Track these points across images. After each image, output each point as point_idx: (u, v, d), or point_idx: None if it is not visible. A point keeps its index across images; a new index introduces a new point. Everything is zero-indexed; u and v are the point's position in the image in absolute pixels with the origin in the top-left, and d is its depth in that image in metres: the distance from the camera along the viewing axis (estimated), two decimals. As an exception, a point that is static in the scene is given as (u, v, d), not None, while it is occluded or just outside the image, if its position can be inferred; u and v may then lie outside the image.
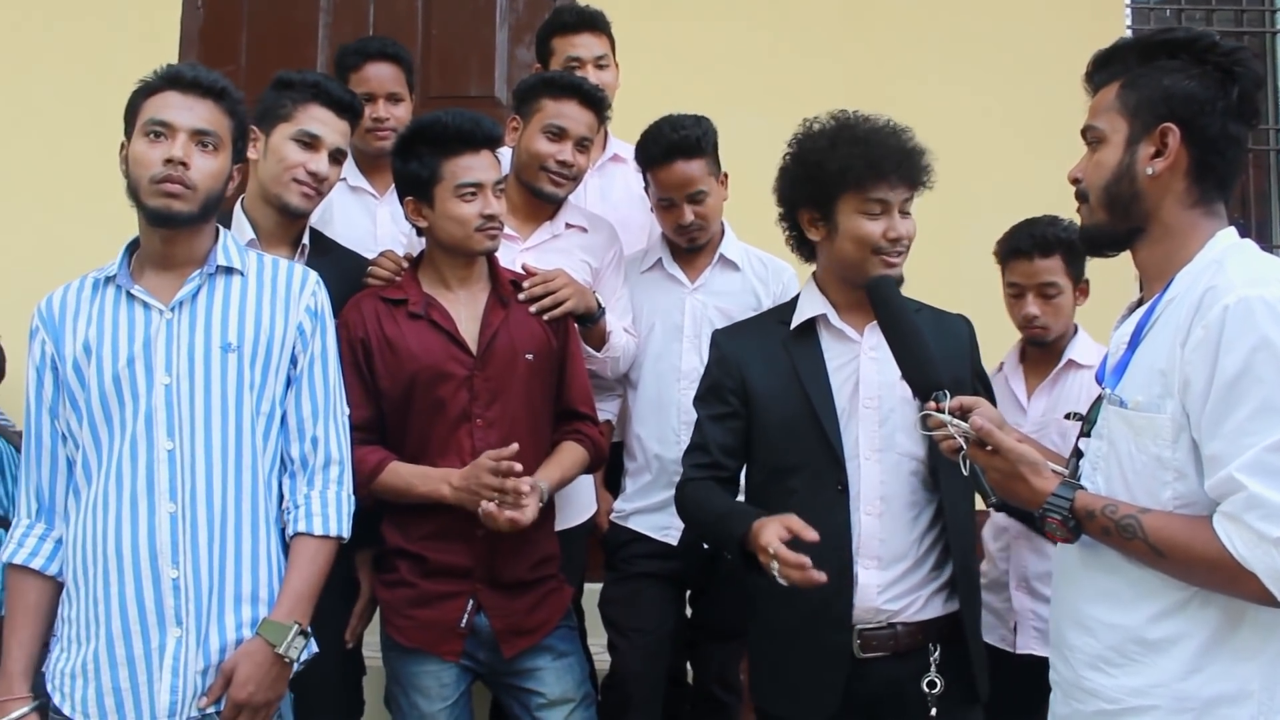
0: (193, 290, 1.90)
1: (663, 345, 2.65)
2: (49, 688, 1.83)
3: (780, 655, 2.06)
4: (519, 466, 2.04)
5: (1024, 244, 2.55)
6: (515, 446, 2.05)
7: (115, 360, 1.85)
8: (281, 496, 1.95)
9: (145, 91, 1.91)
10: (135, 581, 1.81)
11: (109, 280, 1.91)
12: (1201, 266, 1.52)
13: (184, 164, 1.85)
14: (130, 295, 1.89)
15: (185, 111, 1.88)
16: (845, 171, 1.97)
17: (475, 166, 2.19)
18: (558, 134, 2.52)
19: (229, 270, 1.95)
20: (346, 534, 1.96)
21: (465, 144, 2.19)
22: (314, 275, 2.04)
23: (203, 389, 1.86)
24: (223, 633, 1.84)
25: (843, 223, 2.00)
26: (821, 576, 1.75)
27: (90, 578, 1.82)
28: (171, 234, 1.89)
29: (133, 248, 1.96)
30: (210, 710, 1.82)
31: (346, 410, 2.03)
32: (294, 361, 1.96)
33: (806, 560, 1.75)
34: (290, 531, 1.93)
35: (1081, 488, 1.58)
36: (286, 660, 1.85)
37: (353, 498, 2.00)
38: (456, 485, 2.09)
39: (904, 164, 1.97)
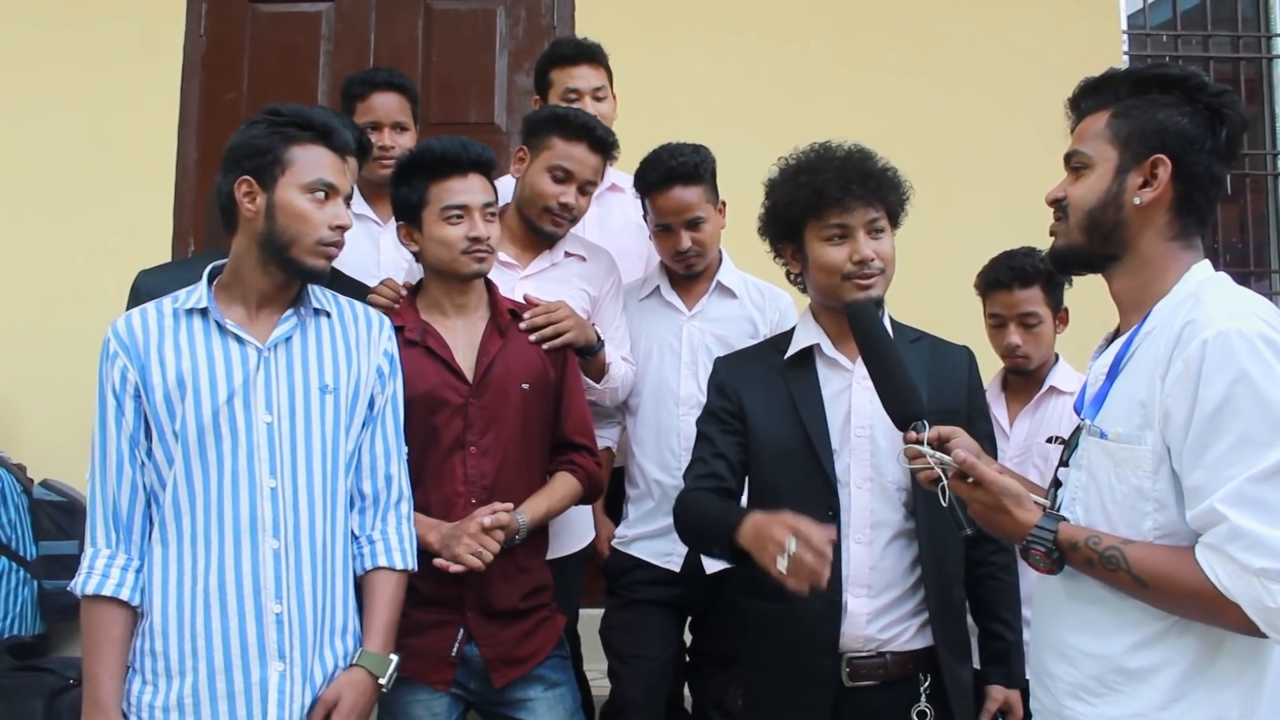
0: (289, 330, 1.93)
1: (660, 372, 2.67)
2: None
3: (770, 680, 2.07)
4: (500, 533, 2.09)
5: (1003, 276, 2.64)
6: (510, 506, 2.12)
7: (214, 396, 1.85)
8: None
9: (286, 138, 1.90)
10: (239, 616, 1.82)
11: (193, 311, 1.91)
12: (1179, 299, 1.54)
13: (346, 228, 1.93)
14: (222, 329, 1.90)
15: (341, 176, 1.94)
16: (800, 202, 2.01)
17: (460, 189, 2.21)
18: (564, 176, 2.51)
19: (317, 311, 1.98)
20: (415, 567, 2.03)
21: (451, 168, 2.21)
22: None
23: (303, 428, 1.90)
24: (324, 666, 1.89)
25: (810, 252, 2.03)
26: (822, 577, 1.69)
27: (188, 611, 1.82)
28: (294, 281, 1.94)
29: (210, 278, 1.96)
30: None
31: (405, 448, 2.08)
32: (370, 402, 2.01)
33: (827, 551, 1.69)
34: (368, 564, 1.98)
35: (1065, 519, 1.60)
36: (384, 690, 1.93)
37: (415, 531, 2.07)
38: (446, 534, 2.09)
39: (855, 186, 1.97)
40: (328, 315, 1.99)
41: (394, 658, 1.95)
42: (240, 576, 1.83)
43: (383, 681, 1.92)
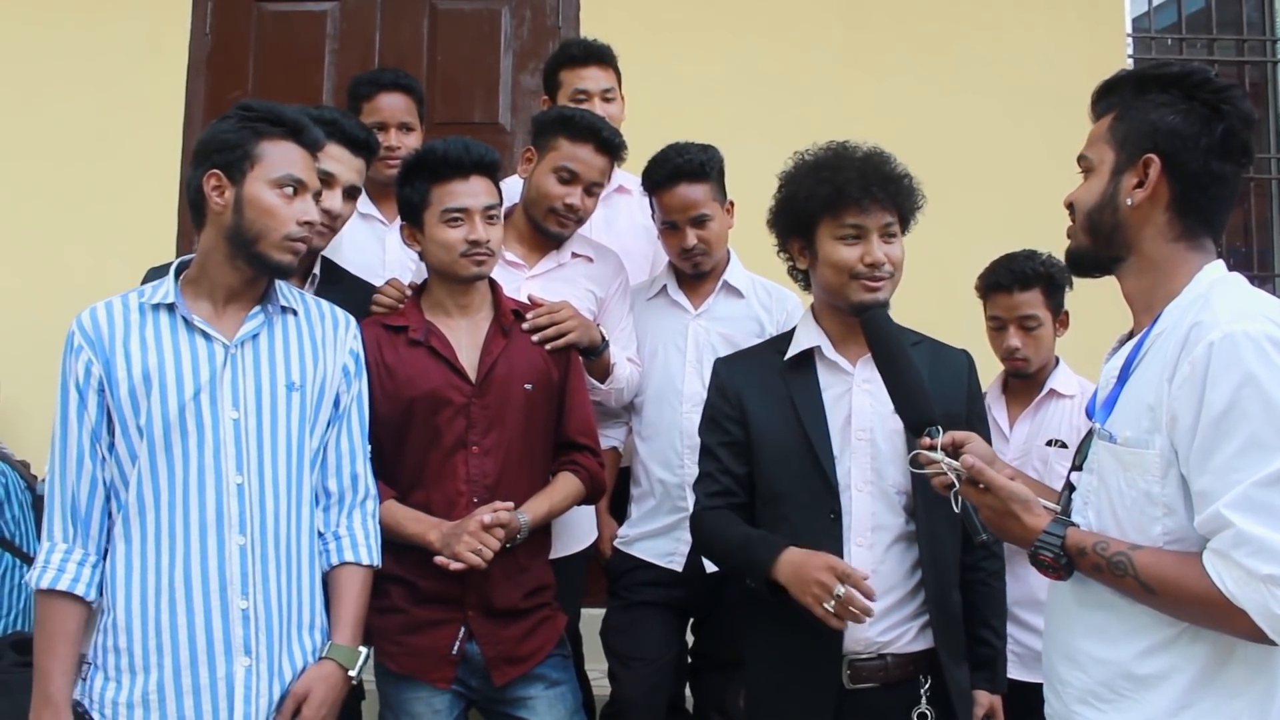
0: (256, 328, 1.92)
1: (665, 370, 2.66)
2: (93, 716, 1.83)
3: (774, 683, 2.07)
4: (501, 531, 2.09)
5: (1003, 278, 2.66)
6: (510, 504, 2.12)
7: (180, 391, 1.84)
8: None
9: (257, 133, 1.89)
10: (205, 612, 1.82)
11: (159, 306, 1.90)
12: (1188, 301, 1.53)
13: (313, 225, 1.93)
14: (189, 325, 1.89)
15: (310, 173, 1.94)
16: (819, 199, 2.01)
17: (461, 192, 2.21)
18: (569, 177, 2.51)
19: (284, 309, 1.98)
20: (380, 564, 2.03)
21: (453, 170, 2.21)
22: (354, 320, 2.10)
23: (269, 425, 1.90)
24: (293, 661, 1.89)
25: (822, 249, 2.03)
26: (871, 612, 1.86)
27: (153, 607, 1.82)
28: (261, 277, 1.93)
29: (177, 273, 1.95)
30: None
31: (369, 447, 2.08)
32: (336, 401, 2.01)
33: (872, 608, 1.84)
34: (334, 560, 1.99)
35: (1073, 525, 1.59)
36: (354, 683, 1.94)
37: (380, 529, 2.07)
38: (447, 532, 2.10)
39: (876, 189, 1.98)
40: (294, 313, 1.99)
41: (363, 650, 1.95)
42: (206, 572, 1.82)
43: (353, 674, 1.93)
